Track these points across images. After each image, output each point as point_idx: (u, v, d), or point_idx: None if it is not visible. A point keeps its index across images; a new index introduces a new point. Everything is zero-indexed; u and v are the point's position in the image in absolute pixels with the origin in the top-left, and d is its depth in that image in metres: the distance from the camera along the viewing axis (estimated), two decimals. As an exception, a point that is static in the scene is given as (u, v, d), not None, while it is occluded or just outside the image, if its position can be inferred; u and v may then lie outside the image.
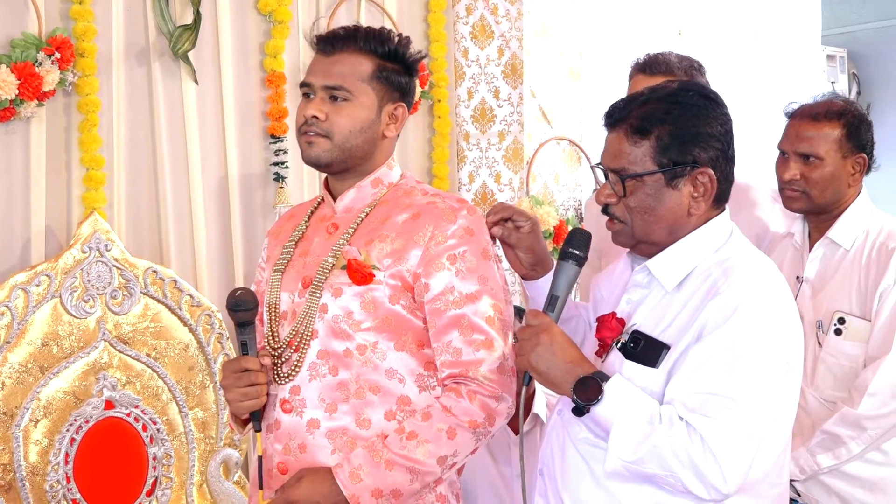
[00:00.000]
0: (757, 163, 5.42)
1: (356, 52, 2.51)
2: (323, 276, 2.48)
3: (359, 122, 2.50)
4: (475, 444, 2.44)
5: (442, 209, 2.48)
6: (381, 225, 2.50)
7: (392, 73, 2.54)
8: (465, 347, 2.42)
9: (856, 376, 3.11)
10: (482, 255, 2.47)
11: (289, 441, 2.48)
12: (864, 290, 3.13)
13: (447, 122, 4.99)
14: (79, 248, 3.78)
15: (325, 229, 2.58)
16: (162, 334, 3.97)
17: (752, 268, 2.27)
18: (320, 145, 2.50)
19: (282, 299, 2.56)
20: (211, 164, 4.29)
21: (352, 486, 2.37)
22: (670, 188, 2.28)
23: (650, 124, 2.27)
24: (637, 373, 2.24)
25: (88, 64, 3.86)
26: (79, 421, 3.78)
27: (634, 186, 2.29)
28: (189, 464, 4.03)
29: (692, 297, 2.24)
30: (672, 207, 2.29)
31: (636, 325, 2.30)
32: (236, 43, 4.36)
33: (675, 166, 2.26)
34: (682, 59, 3.51)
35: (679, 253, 2.30)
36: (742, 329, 2.16)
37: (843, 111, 3.21)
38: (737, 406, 2.12)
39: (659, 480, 2.17)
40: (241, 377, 2.47)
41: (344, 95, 2.49)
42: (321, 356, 2.46)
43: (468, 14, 5.06)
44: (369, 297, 2.44)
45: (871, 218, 3.22)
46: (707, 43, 5.79)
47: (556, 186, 5.35)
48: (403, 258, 2.44)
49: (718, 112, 2.31)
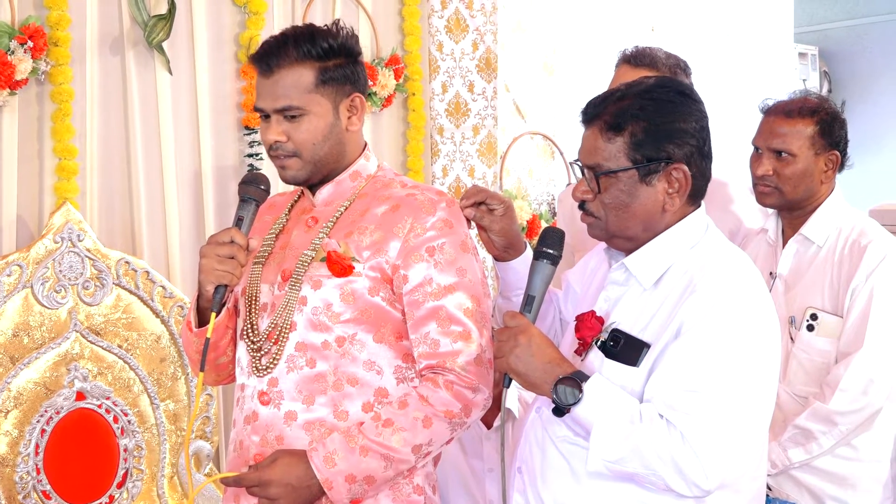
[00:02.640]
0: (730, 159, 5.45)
1: (293, 63, 2.45)
2: (302, 268, 2.48)
3: (320, 131, 2.48)
4: (450, 433, 2.45)
5: (421, 201, 2.48)
6: (361, 217, 2.50)
7: (335, 69, 2.49)
8: (442, 339, 2.42)
9: (827, 372, 3.13)
10: (461, 247, 2.48)
11: (266, 433, 2.48)
12: (836, 287, 3.15)
13: (421, 115, 4.99)
14: (51, 239, 3.76)
15: (304, 223, 2.58)
16: (134, 325, 3.95)
17: (728, 264, 2.27)
18: (292, 166, 2.50)
19: (261, 291, 2.55)
20: (184, 155, 4.27)
21: (326, 470, 2.38)
22: (644, 184, 2.28)
23: (624, 120, 2.27)
24: (618, 372, 2.24)
25: (62, 53, 3.83)
26: (49, 412, 3.76)
27: (609, 183, 2.29)
28: (160, 456, 4.02)
29: (669, 295, 2.25)
30: (646, 204, 2.29)
31: (615, 323, 2.30)
32: (211, 33, 4.34)
33: (649, 162, 2.26)
34: (669, 56, 3.52)
35: (656, 250, 2.30)
36: (720, 326, 2.16)
37: (817, 108, 3.23)
38: (716, 402, 2.13)
39: (641, 479, 2.18)
40: (223, 246, 2.44)
41: (296, 112, 2.46)
42: (299, 348, 2.46)
43: (443, 8, 5.06)
44: (349, 289, 2.44)
45: (844, 215, 3.25)
46: (679, 39, 5.80)
47: (530, 181, 5.36)
48: (382, 250, 2.44)
49: (694, 108, 2.30)
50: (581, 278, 2.62)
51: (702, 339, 2.16)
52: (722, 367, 2.15)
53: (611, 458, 2.16)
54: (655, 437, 2.12)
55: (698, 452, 2.11)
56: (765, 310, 2.26)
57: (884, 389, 3.09)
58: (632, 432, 2.13)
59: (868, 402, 3.08)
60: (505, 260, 2.67)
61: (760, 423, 2.28)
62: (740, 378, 2.17)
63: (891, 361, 3.10)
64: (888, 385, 3.11)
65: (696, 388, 2.13)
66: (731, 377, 2.15)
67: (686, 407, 2.12)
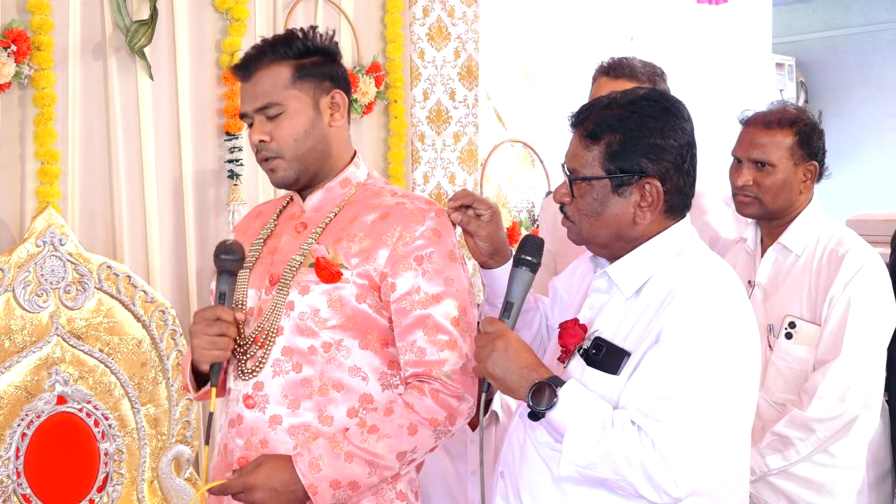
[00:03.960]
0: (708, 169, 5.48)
1: (270, 64, 2.49)
2: (290, 273, 2.49)
3: (300, 127, 2.50)
4: (435, 441, 2.46)
5: (410, 210, 2.49)
6: (350, 224, 2.51)
7: (313, 66, 2.52)
8: (429, 347, 2.43)
9: (805, 380, 3.15)
10: (449, 256, 2.49)
11: (250, 436, 2.48)
12: (814, 295, 3.18)
13: (403, 122, 5.00)
14: (32, 242, 3.76)
15: (293, 228, 2.59)
16: (115, 330, 3.96)
17: (708, 274, 2.28)
18: (278, 167, 2.52)
19: (248, 296, 2.56)
20: (165, 161, 4.28)
21: (310, 475, 2.38)
22: (616, 195, 2.28)
23: (602, 130, 2.27)
24: (598, 380, 2.25)
25: (45, 57, 3.84)
26: (30, 416, 3.76)
27: (583, 189, 2.30)
28: (140, 460, 4.02)
29: (650, 304, 2.25)
30: (616, 214, 2.29)
31: (598, 331, 2.31)
32: (193, 39, 4.35)
33: (622, 174, 2.26)
34: (645, 64, 3.53)
35: (638, 259, 2.31)
36: (695, 334, 2.17)
37: (796, 119, 3.26)
38: (688, 410, 2.14)
39: (611, 485, 2.19)
40: (212, 325, 2.44)
41: (276, 109, 2.48)
42: (285, 353, 2.47)
43: (425, 15, 5.08)
44: (336, 296, 2.45)
45: (822, 224, 3.27)
46: (658, 49, 5.84)
47: (510, 188, 5.39)
48: (371, 257, 2.45)
49: (677, 125, 2.29)
50: (568, 286, 2.62)
51: (677, 346, 2.16)
52: (696, 375, 2.15)
53: (581, 463, 2.16)
54: (626, 444, 2.13)
55: (668, 460, 2.11)
56: (744, 319, 2.27)
57: (860, 397, 3.12)
58: (603, 438, 2.14)
59: (845, 410, 3.10)
60: (490, 267, 2.67)
61: (738, 432, 2.29)
62: (715, 386, 2.17)
63: (868, 369, 3.13)
64: (864, 393, 3.13)
65: (668, 395, 2.14)
66: (704, 385, 2.16)
67: (658, 414, 2.13)
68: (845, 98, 9.81)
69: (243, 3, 4.41)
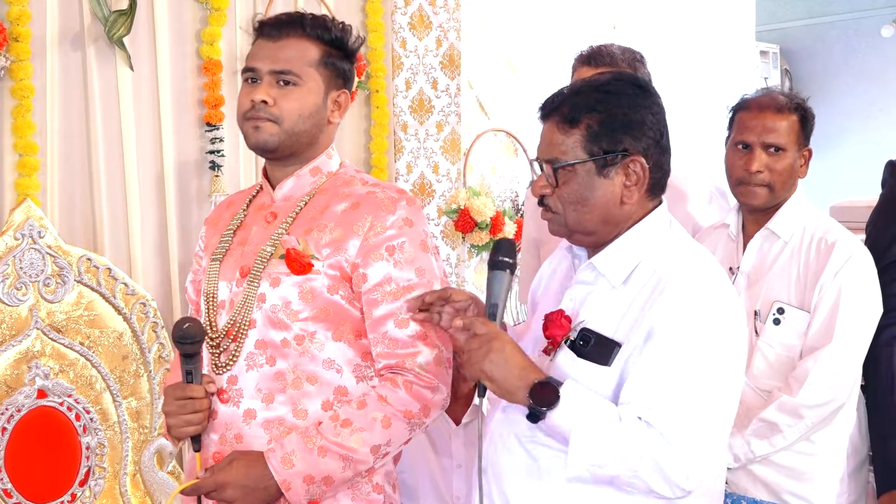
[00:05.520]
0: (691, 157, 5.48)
1: (303, 37, 2.50)
2: (261, 265, 2.46)
3: (307, 107, 2.49)
4: (409, 433, 2.44)
5: (381, 199, 2.47)
6: (321, 214, 2.48)
7: (336, 59, 2.54)
8: (401, 338, 2.42)
9: (792, 366, 3.14)
10: (420, 246, 2.47)
11: (225, 431, 2.46)
12: (803, 282, 3.16)
13: (385, 112, 4.99)
14: (11, 235, 3.73)
15: (263, 218, 2.56)
16: (96, 323, 3.93)
17: (695, 262, 2.27)
18: (267, 129, 2.48)
19: (220, 288, 2.53)
20: (146, 152, 4.25)
21: (283, 471, 2.36)
22: (602, 177, 2.26)
23: (580, 113, 2.26)
24: (589, 371, 2.23)
25: (22, 48, 3.81)
26: (10, 410, 3.73)
27: (567, 176, 2.28)
28: (123, 454, 4.00)
29: (639, 294, 2.24)
30: (604, 197, 2.27)
31: (584, 322, 2.28)
32: (172, 30, 4.33)
33: (606, 154, 2.25)
34: (624, 50, 3.51)
35: (623, 247, 2.29)
36: (692, 326, 2.16)
37: (800, 103, 3.25)
38: (693, 401, 2.13)
39: (621, 482, 2.16)
40: (185, 405, 2.43)
41: (293, 80, 2.47)
42: (259, 346, 2.44)
43: (406, 4, 5.06)
44: (307, 287, 2.43)
45: (808, 212, 3.26)
46: (641, 37, 5.83)
47: (493, 177, 5.38)
48: (342, 248, 2.43)
49: (650, 101, 2.30)
50: (540, 285, 2.60)
51: (675, 340, 2.15)
52: (697, 367, 2.15)
53: (593, 463, 2.14)
54: (636, 439, 2.11)
55: (679, 452, 2.10)
56: (734, 306, 2.27)
57: (848, 384, 3.12)
58: (611, 436, 2.12)
59: (834, 396, 3.10)
60: None
61: (730, 420, 2.29)
62: (714, 376, 2.17)
63: (857, 357, 3.13)
64: (852, 380, 3.13)
65: (672, 388, 2.13)
66: (705, 376, 2.15)
67: (664, 407, 2.12)
68: (829, 85, 9.83)
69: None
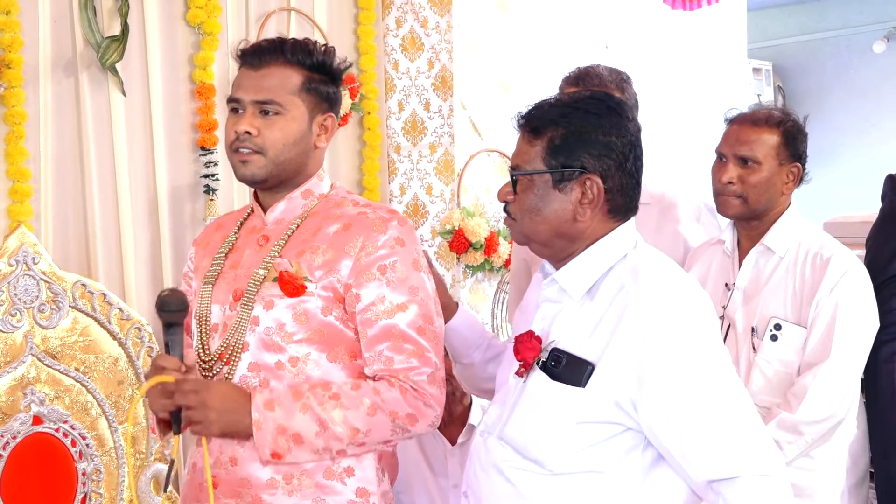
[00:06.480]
0: (683, 175, 5.49)
1: (284, 64, 2.50)
2: (254, 288, 2.46)
3: (291, 135, 2.49)
4: (390, 434, 2.42)
5: (372, 220, 2.48)
6: (313, 237, 2.49)
7: (320, 83, 2.53)
8: (396, 356, 2.41)
9: (790, 382, 3.14)
10: (413, 265, 2.47)
11: (220, 454, 2.46)
12: (799, 298, 3.17)
13: (378, 134, 5.00)
14: (5, 262, 3.74)
15: (255, 241, 2.57)
16: (91, 348, 3.93)
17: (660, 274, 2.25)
18: (255, 163, 2.48)
19: (212, 312, 2.53)
20: (139, 177, 4.26)
21: (262, 411, 2.36)
22: (557, 191, 2.25)
23: (544, 125, 2.26)
24: (563, 394, 2.20)
25: (15, 75, 3.82)
26: (6, 437, 3.73)
27: (525, 185, 2.27)
28: (119, 479, 3.99)
29: (608, 311, 2.21)
30: (557, 210, 2.26)
31: (554, 341, 2.27)
32: (165, 55, 4.33)
33: (563, 169, 2.24)
34: (611, 71, 3.52)
35: (584, 262, 2.28)
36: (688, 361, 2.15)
37: (783, 119, 3.26)
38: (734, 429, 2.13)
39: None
40: (159, 373, 2.40)
41: (275, 109, 2.47)
42: (252, 369, 2.44)
43: (398, 27, 5.07)
44: (301, 309, 2.43)
45: (803, 228, 3.27)
46: (633, 56, 5.84)
47: (488, 198, 5.38)
48: (334, 269, 2.43)
49: (620, 123, 2.27)
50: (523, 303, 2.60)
51: (680, 385, 2.14)
52: (712, 401, 2.14)
53: None
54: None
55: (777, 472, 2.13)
56: (709, 312, 2.25)
57: (847, 400, 3.11)
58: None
59: (834, 412, 3.09)
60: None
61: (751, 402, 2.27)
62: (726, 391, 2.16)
63: (855, 373, 3.13)
64: (851, 395, 3.13)
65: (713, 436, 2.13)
66: (722, 400, 2.15)
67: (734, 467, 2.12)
68: (823, 101, 9.84)
69: (215, 18, 4.39)
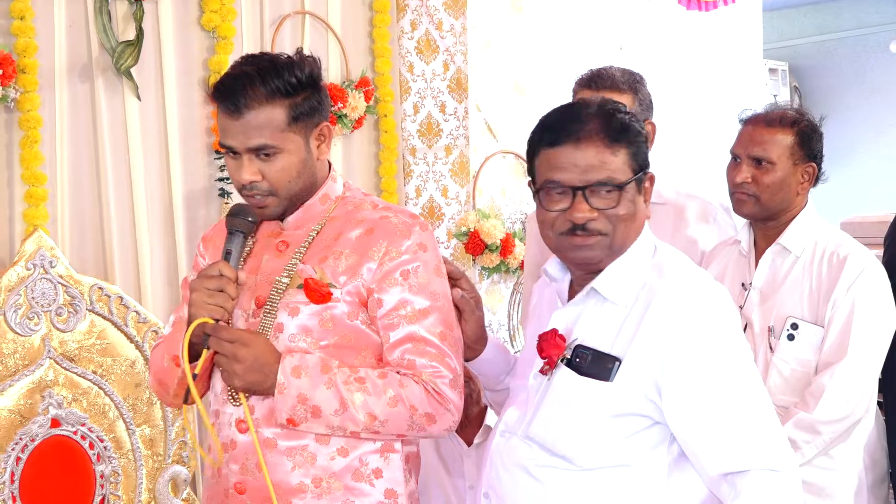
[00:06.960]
0: (700, 176, 5.47)
1: (263, 103, 2.38)
2: (277, 295, 2.44)
3: (294, 168, 2.44)
4: (406, 428, 2.40)
5: (395, 224, 2.45)
6: (335, 242, 2.46)
7: (303, 102, 2.44)
8: (419, 359, 2.39)
9: (807, 382, 3.13)
10: (435, 271, 2.46)
11: (245, 461, 2.44)
12: (816, 297, 3.15)
13: (393, 136, 5.00)
14: (23, 265, 3.75)
15: (275, 247, 2.53)
16: (108, 351, 3.94)
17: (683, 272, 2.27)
18: (270, 205, 2.46)
19: (236, 317, 2.49)
20: (155, 180, 4.27)
21: (289, 376, 2.35)
22: (640, 194, 2.28)
23: (621, 133, 2.24)
24: (591, 389, 2.20)
25: (30, 80, 3.84)
26: (24, 440, 3.74)
27: (622, 196, 2.24)
28: (137, 481, 4.00)
29: (633, 309, 2.22)
30: (641, 213, 2.29)
31: (577, 339, 2.27)
32: (179, 59, 4.34)
33: (643, 172, 2.27)
34: (624, 72, 3.51)
35: (624, 269, 2.27)
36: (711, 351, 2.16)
37: (798, 119, 3.25)
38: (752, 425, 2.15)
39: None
40: (212, 279, 2.38)
41: (271, 151, 2.40)
42: None
43: (413, 29, 5.08)
44: (328, 315, 2.41)
45: (819, 227, 3.26)
46: (648, 58, 5.83)
47: (503, 199, 5.38)
48: (358, 273, 2.41)
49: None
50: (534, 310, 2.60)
51: (702, 374, 2.15)
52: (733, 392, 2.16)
53: None
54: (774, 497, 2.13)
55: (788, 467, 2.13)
56: (729, 305, 2.26)
57: (865, 399, 3.10)
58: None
59: (851, 411, 3.08)
60: (475, 355, 2.63)
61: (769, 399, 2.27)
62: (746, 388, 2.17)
63: (873, 371, 3.12)
64: (869, 394, 3.12)
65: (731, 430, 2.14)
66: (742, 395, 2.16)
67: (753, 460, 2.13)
68: (839, 101, 9.81)
69: (230, 22, 4.40)
